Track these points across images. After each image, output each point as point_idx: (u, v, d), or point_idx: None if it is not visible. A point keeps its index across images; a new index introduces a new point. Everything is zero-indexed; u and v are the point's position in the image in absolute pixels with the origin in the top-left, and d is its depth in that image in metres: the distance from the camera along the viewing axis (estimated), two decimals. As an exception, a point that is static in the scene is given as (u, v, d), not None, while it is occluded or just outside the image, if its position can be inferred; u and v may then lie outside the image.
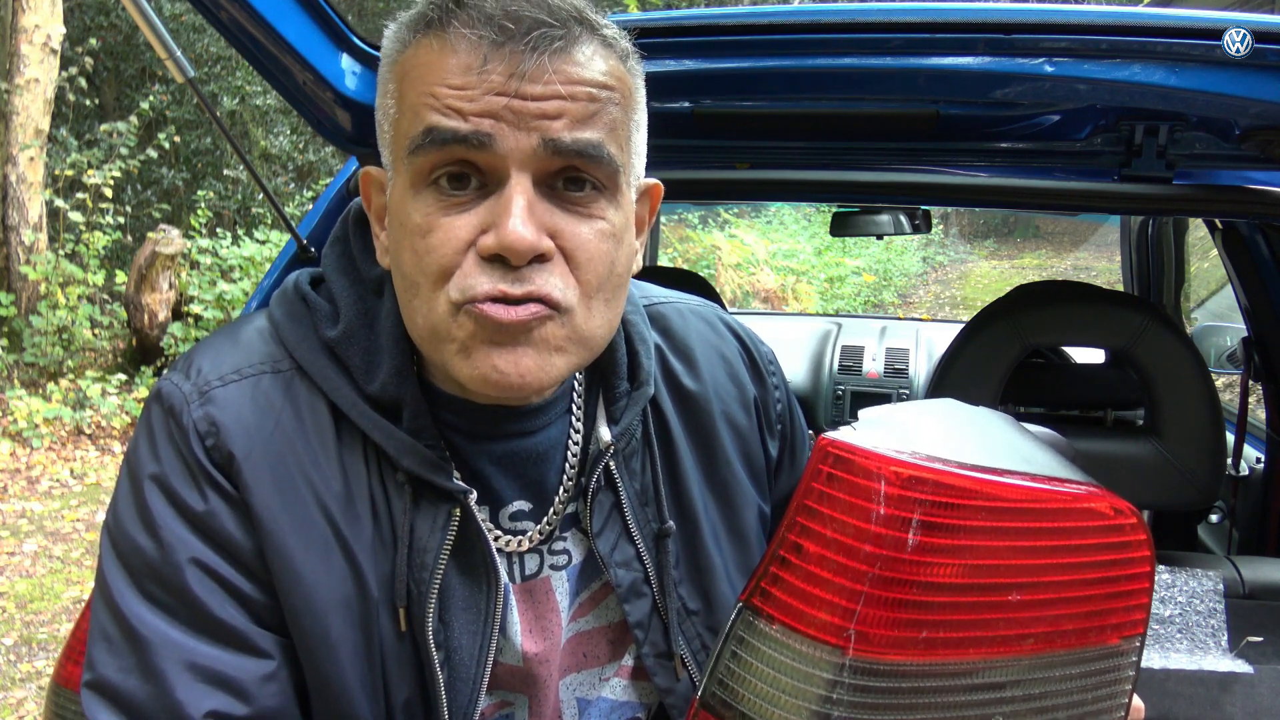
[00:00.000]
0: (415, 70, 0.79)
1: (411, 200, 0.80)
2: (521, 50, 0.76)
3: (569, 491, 0.94)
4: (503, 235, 0.76)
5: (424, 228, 0.78)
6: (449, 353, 0.80)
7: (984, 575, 0.72)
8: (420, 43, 0.80)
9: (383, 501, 0.86)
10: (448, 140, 0.76)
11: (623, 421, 0.94)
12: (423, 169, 0.79)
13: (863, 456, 0.72)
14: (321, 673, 0.84)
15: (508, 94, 0.76)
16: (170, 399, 0.85)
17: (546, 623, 0.93)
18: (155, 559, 0.82)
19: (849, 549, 0.72)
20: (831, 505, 0.73)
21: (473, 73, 0.76)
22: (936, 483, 0.71)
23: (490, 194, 0.78)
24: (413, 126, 0.79)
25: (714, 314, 1.10)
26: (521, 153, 0.77)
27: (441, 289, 0.79)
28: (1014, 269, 14.47)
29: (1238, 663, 1.34)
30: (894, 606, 0.71)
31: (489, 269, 0.77)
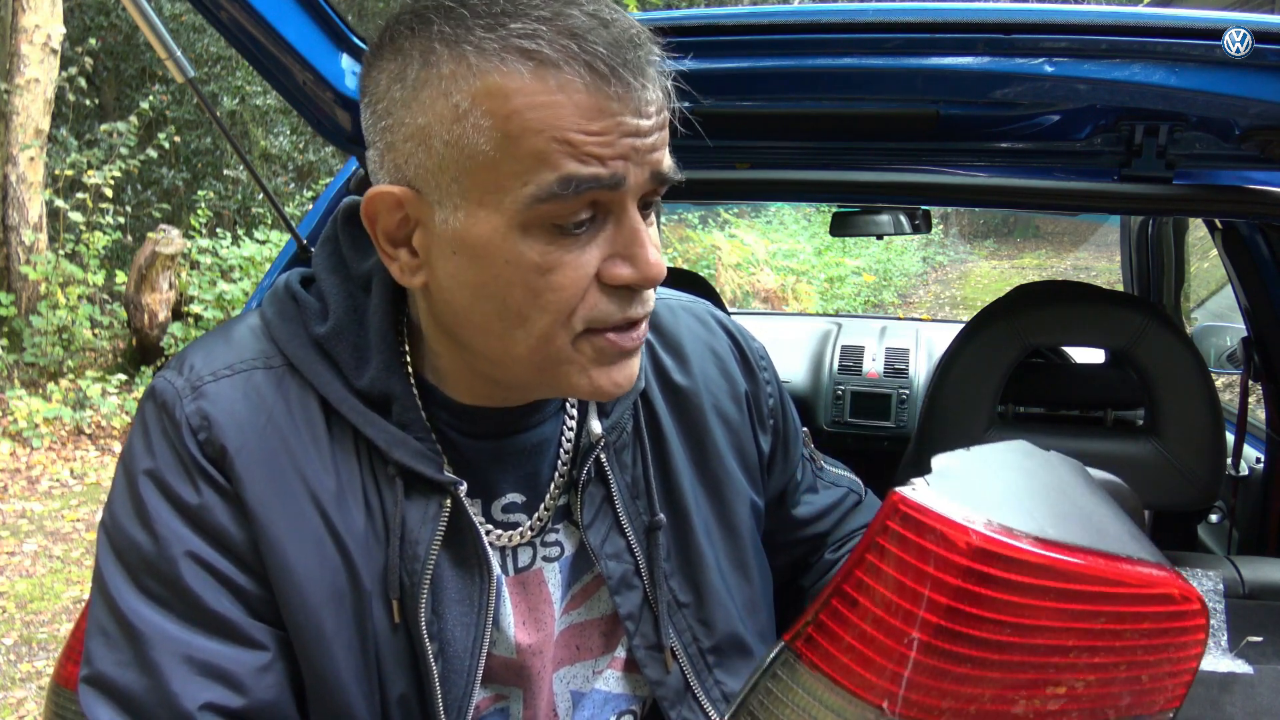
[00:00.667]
0: (529, 109, 0.73)
1: (520, 239, 0.76)
2: (629, 84, 0.75)
3: (561, 484, 0.95)
4: (644, 269, 0.79)
5: (544, 266, 0.77)
6: (568, 373, 0.82)
7: (1043, 654, 0.71)
8: (523, 75, 0.73)
9: (374, 494, 0.87)
10: (587, 188, 0.75)
11: (613, 414, 0.96)
12: (556, 215, 0.76)
13: (933, 520, 0.70)
14: (316, 666, 0.84)
15: (631, 134, 0.76)
16: (163, 395, 0.86)
17: (540, 614, 0.94)
18: (150, 553, 0.83)
19: (906, 613, 0.70)
20: (894, 565, 0.72)
21: (606, 117, 0.74)
22: (1008, 558, 0.69)
23: (603, 225, 0.79)
24: (533, 173, 0.74)
25: (704, 310, 1.11)
26: (638, 187, 0.78)
27: (565, 321, 0.79)
28: (1014, 269, 14.47)
29: (1238, 663, 1.34)
30: (944, 677, 0.70)
31: (617, 297, 0.80)
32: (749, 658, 1.02)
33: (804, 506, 1.17)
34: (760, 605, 1.06)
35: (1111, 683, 0.74)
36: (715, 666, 0.99)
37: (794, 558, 1.20)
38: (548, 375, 0.83)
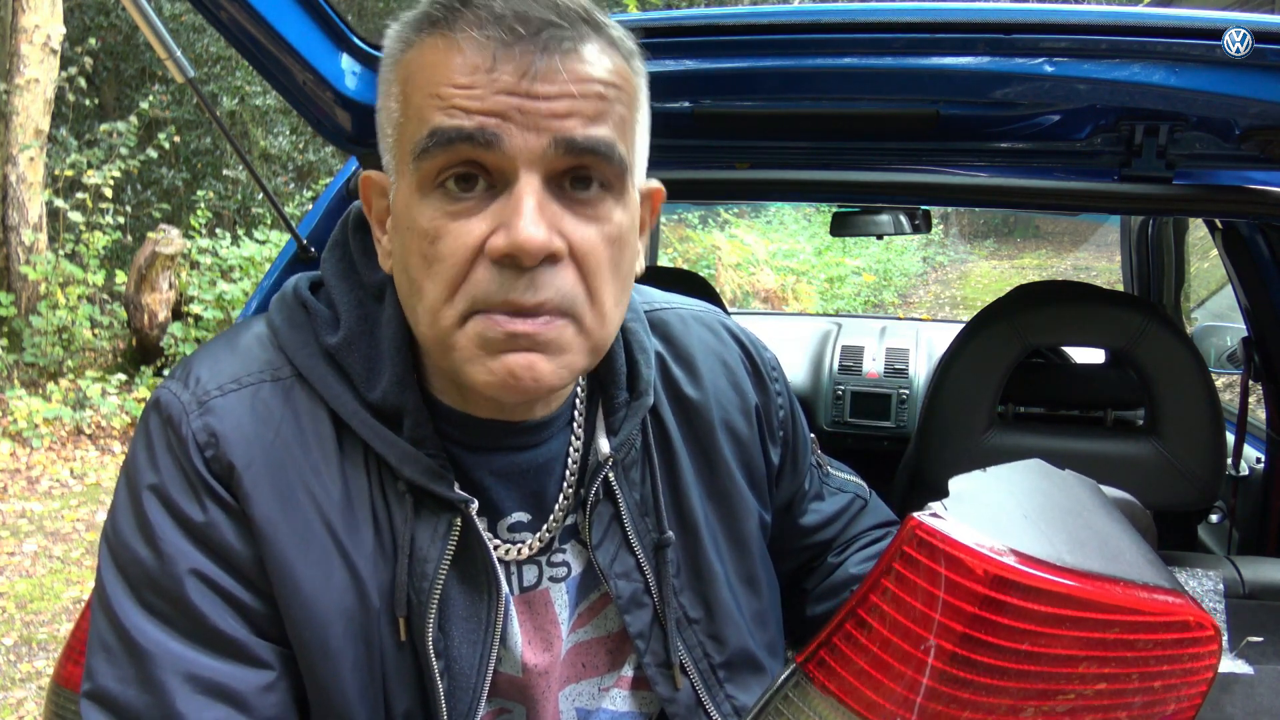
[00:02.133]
0: (420, 71, 0.77)
1: (418, 204, 0.77)
2: (532, 50, 0.74)
3: (568, 503, 0.94)
4: (514, 235, 0.74)
5: (432, 233, 0.76)
6: (458, 359, 0.79)
7: (1056, 681, 0.71)
8: (425, 43, 0.78)
9: (383, 511, 0.86)
10: (453, 139, 0.74)
11: (621, 433, 0.94)
12: (429, 172, 0.76)
13: (951, 546, 0.70)
14: (321, 683, 0.84)
15: (518, 94, 0.74)
16: (169, 409, 0.85)
17: (547, 635, 0.93)
18: (155, 570, 0.82)
19: (919, 639, 0.70)
20: (910, 591, 0.71)
21: (481, 72, 0.74)
22: (1025, 586, 0.68)
23: (498, 195, 0.76)
24: (418, 129, 0.76)
25: (716, 319, 1.09)
26: (531, 152, 0.75)
27: (450, 298, 0.77)
28: (1014, 269, 14.46)
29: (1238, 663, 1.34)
30: (956, 703, 0.70)
31: (500, 275, 0.75)
32: (759, 672, 1.01)
33: (811, 515, 1.16)
34: (769, 618, 1.05)
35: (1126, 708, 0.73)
36: (726, 681, 0.98)
37: (799, 563, 1.19)
38: (446, 361, 0.80)
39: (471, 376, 0.79)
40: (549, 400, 0.91)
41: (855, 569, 1.15)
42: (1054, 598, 0.69)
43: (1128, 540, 0.78)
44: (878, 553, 1.17)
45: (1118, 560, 0.74)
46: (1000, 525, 0.72)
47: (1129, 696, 0.74)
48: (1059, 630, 0.70)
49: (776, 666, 1.05)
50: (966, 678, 0.70)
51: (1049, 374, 1.81)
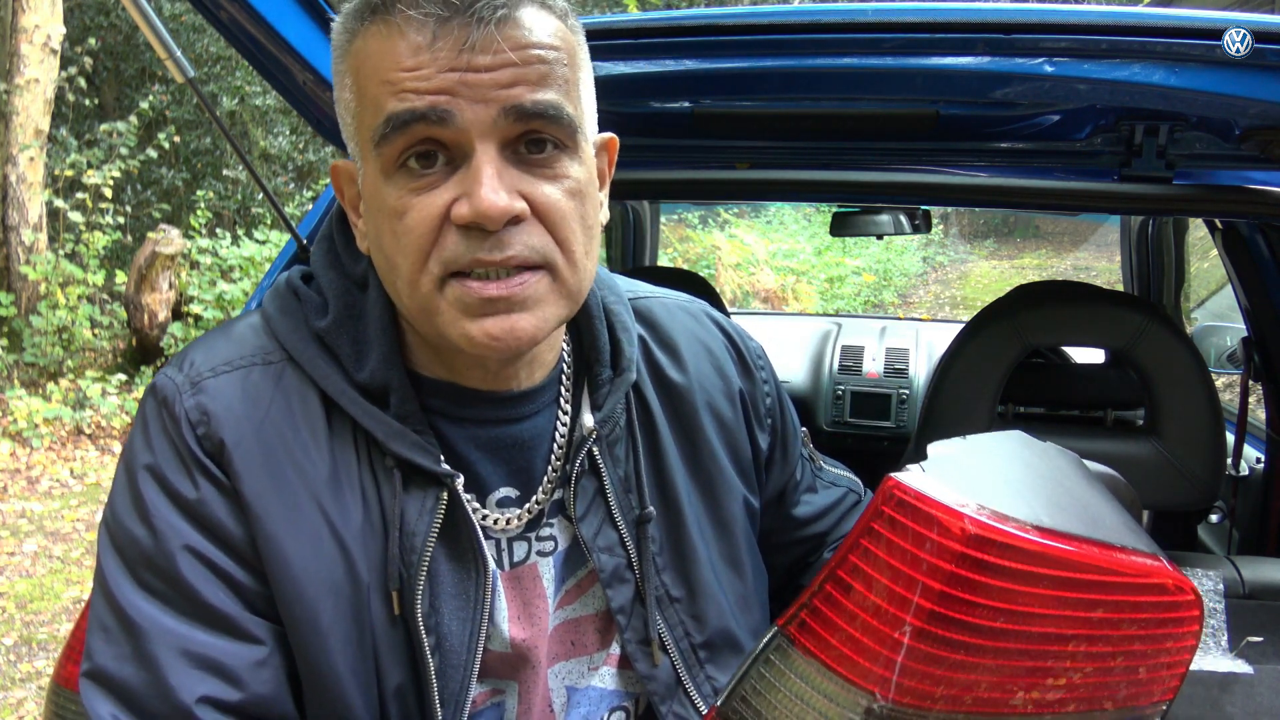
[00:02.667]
0: (368, 60, 0.80)
1: (384, 186, 0.81)
2: (469, 23, 0.77)
3: (555, 478, 0.95)
4: (476, 203, 0.78)
5: (399, 210, 0.80)
6: (441, 323, 0.82)
7: (1037, 642, 0.71)
8: (368, 30, 0.80)
9: (372, 487, 0.88)
10: (408, 122, 0.78)
11: (605, 408, 0.96)
12: (390, 156, 0.80)
13: (928, 505, 0.70)
14: (312, 659, 0.85)
15: (460, 68, 0.77)
16: (163, 390, 0.87)
17: (534, 609, 0.94)
18: (149, 547, 0.84)
19: (900, 599, 0.70)
20: (889, 550, 0.71)
21: (423, 52, 0.77)
22: (1003, 544, 0.68)
23: (458, 168, 0.80)
24: (374, 117, 0.79)
25: (700, 309, 1.11)
26: (482, 123, 0.78)
27: (424, 265, 0.80)
28: (1014, 269, 14.46)
29: (1238, 663, 1.34)
30: (939, 664, 0.70)
31: (468, 238, 0.79)
32: (740, 653, 1.02)
33: (803, 506, 1.17)
34: (753, 602, 1.06)
35: (1108, 673, 0.73)
36: (706, 662, 1.00)
37: (794, 558, 1.20)
38: (431, 326, 0.84)
39: (454, 339, 0.83)
40: (531, 369, 0.93)
41: None
42: (1032, 556, 0.69)
43: (1108, 508, 0.78)
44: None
45: (1097, 525, 0.74)
46: (978, 486, 0.72)
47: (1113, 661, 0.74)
48: (1038, 589, 0.70)
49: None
50: (948, 637, 0.70)
51: (1049, 374, 1.81)
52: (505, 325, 0.81)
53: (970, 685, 0.71)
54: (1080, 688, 0.73)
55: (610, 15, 0.89)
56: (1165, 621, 0.74)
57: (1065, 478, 0.80)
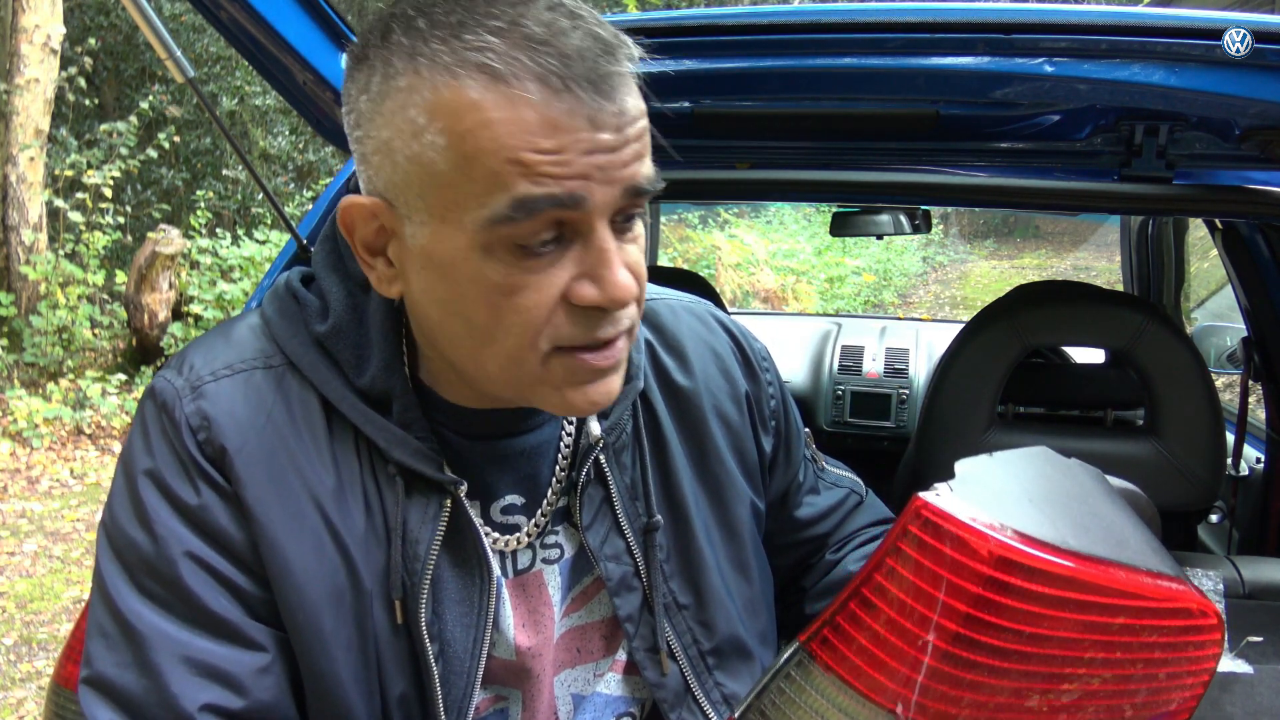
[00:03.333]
0: (482, 127, 0.71)
1: (482, 259, 0.75)
2: (603, 104, 0.72)
3: (560, 486, 0.95)
4: (610, 290, 0.75)
5: (507, 287, 0.75)
6: (541, 393, 0.81)
7: (1059, 665, 0.71)
8: (474, 90, 0.71)
9: (375, 494, 0.87)
10: (542, 208, 0.72)
11: (612, 415, 0.95)
12: (509, 235, 0.74)
13: (955, 526, 0.69)
14: (315, 666, 0.84)
15: (592, 150, 0.72)
16: (163, 395, 0.86)
17: (539, 616, 0.94)
18: (150, 553, 0.83)
19: (923, 619, 0.70)
20: (915, 571, 0.71)
21: (560, 133, 0.71)
22: (1029, 567, 0.68)
23: (571, 244, 0.76)
24: (488, 194, 0.72)
25: (706, 310, 1.10)
26: (607, 205, 0.75)
27: (531, 343, 0.77)
28: (1014, 269, 14.46)
29: (1238, 663, 1.34)
30: (960, 684, 0.70)
31: (582, 318, 0.77)
32: (749, 660, 1.02)
33: (806, 508, 1.17)
34: (760, 607, 1.06)
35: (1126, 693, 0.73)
36: (715, 668, 0.99)
37: (795, 559, 1.20)
38: (523, 392, 0.82)
39: (551, 404, 0.82)
40: None
41: (853, 566, 1.15)
42: (1058, 579, 0.69)
43: (1132, 527, 0.78)
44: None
45: (1123, 546, 0.74)
46: (1005, 507, 0.72)
47: (1134, 683, 0.74)
48: (1063, 613, 0.70)
49: (768, 655, 1.05)
50: (970, 658, 0.70)
51: (1049, 374, 1.81)
52: (605, 389, 0.81)
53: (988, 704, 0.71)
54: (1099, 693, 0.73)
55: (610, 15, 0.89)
56: (1187, 644, 0.74)
57: (1090, 496, 0.80)
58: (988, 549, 0.69)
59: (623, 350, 0.81)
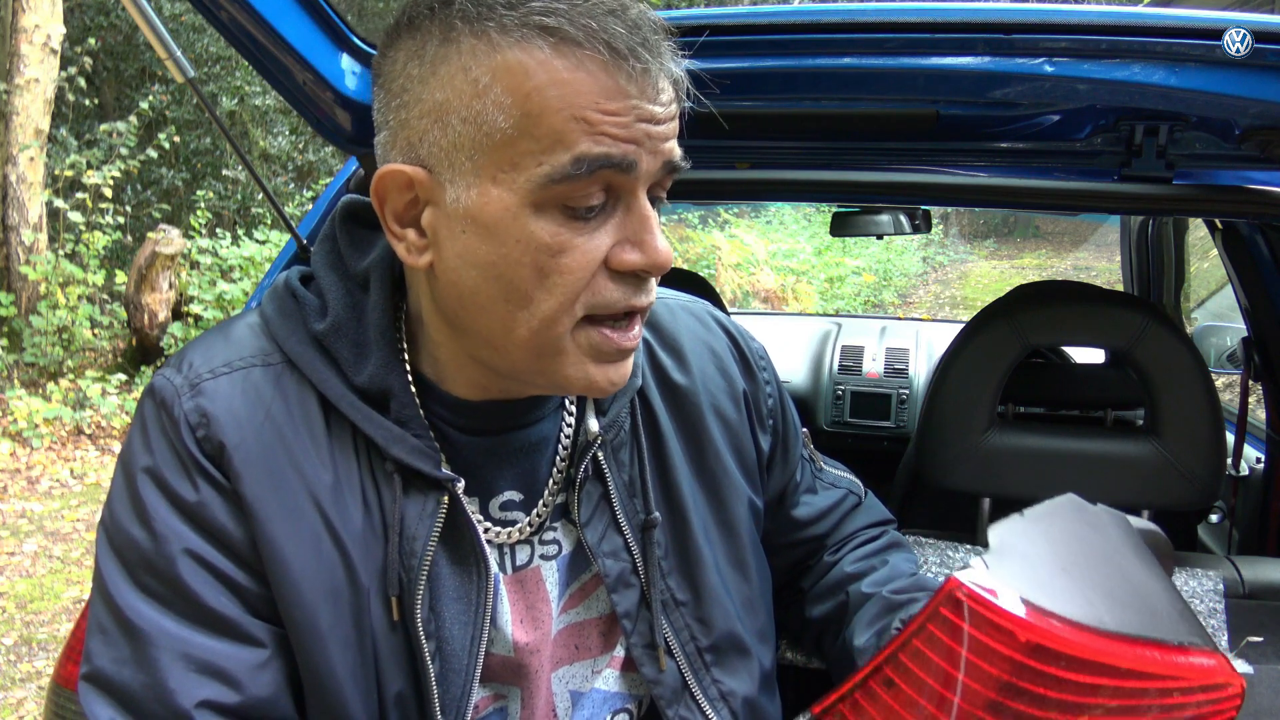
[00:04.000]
0: (550, 86, 0.74)
1: (532, 218, 0.77)
2: (654, 75, 0.76)
3: (559, 482, 0.95)
4: (651, 254, 0.79)
5: (555, 247, 0.77)
6: (561, 364, 0.82)
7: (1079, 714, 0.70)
8: (543, 50, 0.74)
9: (373, 491, 0.87)
10: (601, 167, 0.75)
11: (610, 412, 0.95)
12: (562, 193, 0.76)
13: (993, 613, 0.68)
14: (313, 662, 0.85)
15: (646, 119, 0.76)
16: (162, 392, 0.86)
17: (537, 613, 0.94)
18: (149, 550, 0.83)
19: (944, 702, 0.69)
20: (944, 656, 0.70)
21: (621, 96, 0.75)
22: (1069, 657, 0.68)
23: (613, 211, 0.79)
24: (549, 152, 0.75)
25: (703, 310, 1.11)
26: (650, 175, 0.79)
27: (569, 305, 0.79)
28: (1014, 269, 14.46)
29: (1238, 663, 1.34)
30: None
31: (623, 284, 0.80)
32: (747, 657, 1.02)
33: (803, 508, 1.17)
34: (759, 605, 1.06)
35: None
36: (713, 665, 0.99)
37: (793, 559, 1.20)
38: (544, 364, 0.83)
39: (572, 379, 0.83)
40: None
41: (850, 568, 1.15)
42: (1095, 667, 0.69)
43: (1161, 590, 0.78)
44: (872, 551, 1.18)
45: (1155, 618, 0.74)
46: (1040, 582, 0.71)
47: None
48: (1095, 699, 0.70)
49: (766, 653, 1.06)
50: None
51: (1049, 374, 1.81)
52: (623, 371, 0.84)
53: None
54: None
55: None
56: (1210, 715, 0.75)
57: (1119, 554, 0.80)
58: (1026, 639, 0.68)
59: (639, 333, 0.84)
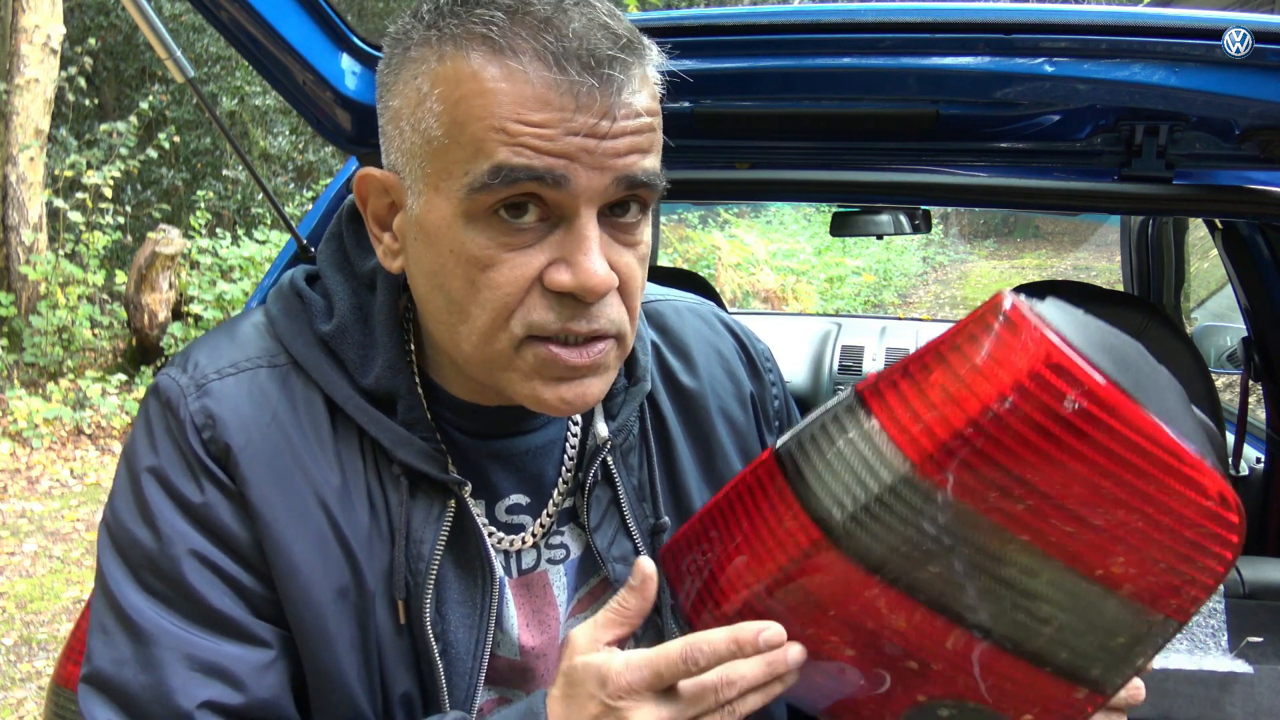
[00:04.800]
0: (476, 96, 0.73)
1: (464, 229, 0.76)
2: (603, 92, 0.73)
3: (567, 486, 0.95)
4: (582, 277, 0.75)
5: (484, 260, 0.76)
6: (510, 379, 0.81)
7: (1079, 485, 0.72)
8: (472, 57, 0.74)
9: (379, 494, 0.87)
10: (520, 179, 0.73)
11: (620, 417, 0.95)
12: (484, 203, 0.75)
13: (1030, 328, 0.72)
14: (320, 664, 0.84)
15: (581, 132, 0.73)
16: (167, 392, 0.86)
17: (544, 617, 0.94)
18: (153, 550, 0.83)
19: (967, 399, 0.72)
20: (980, 354, 0.73)
21: (549, 108, 0.72)
22: (1090, 390, 0.70)
23: (554, 227, 0.77)
24: (472, 159, 0.74)
25: (710, 311, 1.11)
26: (593, 191, 0.75)
27: (505, 324, 0.78)
28: (1014, 269, 14.46)
29: (1238, 663, 1.34)
30: (986, 463, 0.71)
31: (556, 304, 0.77)
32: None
33: None
34: None
35: (1130, 549, 0.74)
36: None
37: None
38: (494, 377, 0.82)
39: (521, 397, 0.81)
40: None
41: None
42: (1104, 403, 0.71)
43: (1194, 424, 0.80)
44: None
45: (1177, 423, 0.76)
46: (1083, 339, 0.73)
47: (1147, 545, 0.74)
48: (1097, 435, 0.71)
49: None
50: (1001, 445, 0.71)
51: (1049, 374, 1.81)
52: (578, 391, 0.80)
53: (1008, 498, 0.72)
54: (1098, 551, 0.74)
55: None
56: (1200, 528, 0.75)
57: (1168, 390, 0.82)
58: (1052, 359, 0.70)
59: (603, 354, 0.80)
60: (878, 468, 0.74)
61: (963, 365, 0.74)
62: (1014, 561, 0.74)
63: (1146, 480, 0.73)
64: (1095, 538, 0.74)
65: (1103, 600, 0.76)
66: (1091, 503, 0.73)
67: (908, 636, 0.77)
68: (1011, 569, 0.74)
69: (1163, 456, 0.73)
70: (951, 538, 0.73)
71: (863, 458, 0.75)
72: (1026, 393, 0.70)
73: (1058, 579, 0.75)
